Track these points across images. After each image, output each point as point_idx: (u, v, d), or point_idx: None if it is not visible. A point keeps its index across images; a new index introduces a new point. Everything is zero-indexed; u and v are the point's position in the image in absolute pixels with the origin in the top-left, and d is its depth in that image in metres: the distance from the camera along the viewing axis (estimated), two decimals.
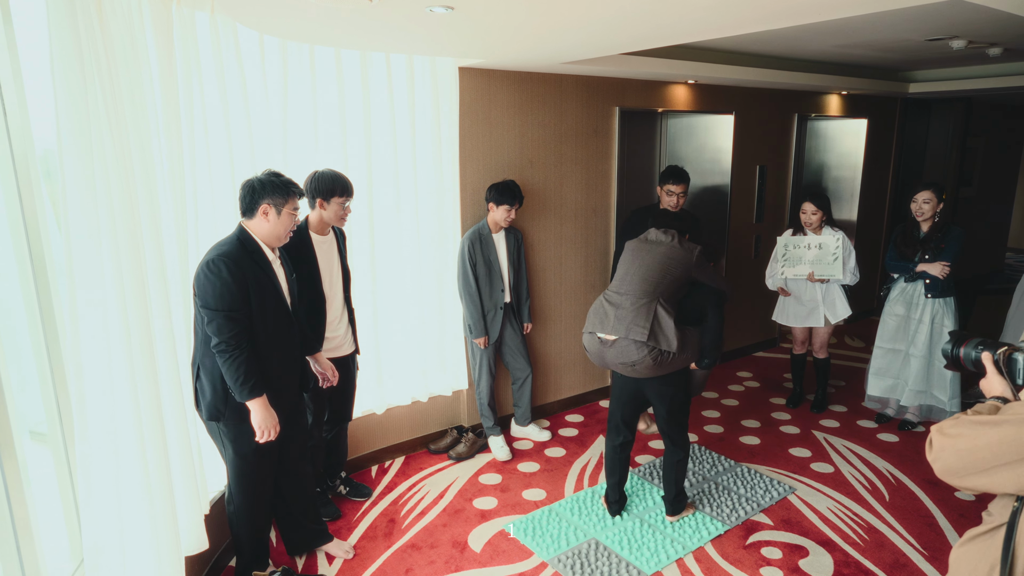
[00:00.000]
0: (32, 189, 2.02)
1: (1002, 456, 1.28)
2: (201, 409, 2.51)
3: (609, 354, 2.98)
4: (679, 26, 2.77)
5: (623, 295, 3.00)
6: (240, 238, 2.43)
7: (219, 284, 2.31)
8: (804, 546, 3.10)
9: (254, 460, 2.57)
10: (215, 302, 2.32)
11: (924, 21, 3.53)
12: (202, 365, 2.46)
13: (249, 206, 2.43)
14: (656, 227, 3.18)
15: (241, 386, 2.38)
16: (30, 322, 2.08)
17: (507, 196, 3.74)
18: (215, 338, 2.34)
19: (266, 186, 2.42)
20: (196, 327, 2.48)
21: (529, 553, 3.06)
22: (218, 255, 2.34)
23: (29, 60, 1.99)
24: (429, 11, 2.39)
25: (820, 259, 4.23)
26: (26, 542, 1.90)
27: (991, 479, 1.31)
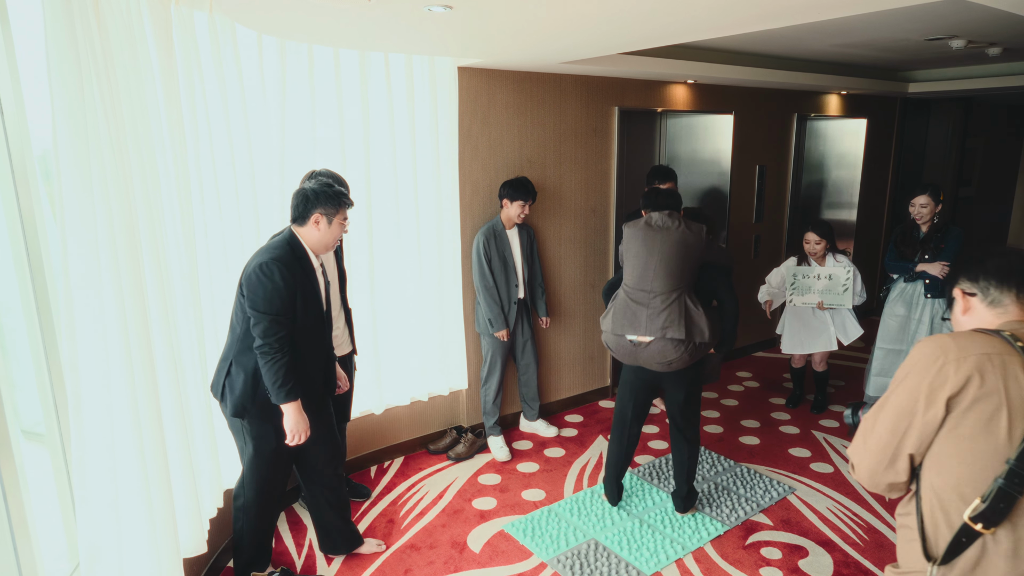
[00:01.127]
0: (30, 189, 2.01)
1: (900, 423, 1.35)
2: (226, 404, 2.51)
3: (644, 354, 2.94)
4: (678, 26, 2.77)
5: (650, 292, 2.92)
6: (290, 243, 2.47)
7: (271, 288, 2.35)
8: (804, 546, 3.10)
9: (272, 460, 2.59)
10: (264, 305, 2.35)
11: (923, 21, 3.53)
12: (236, 361, 2.48)
13: (302, 214, 2.47)
14: (653, 209, 3.12)
15: (279, 388, 2.40)
16: (27, 322, 2.08)
17: (521, 192, 3.77)
18: (260, 340, 2.37)
19: (320, 196, 2.46)
20: (234, 322, 2.50)
21: (528, 554, 3.06)
22: (272, 259, 2.37)
23: (27, 60, 1.99)
24: (428, 10, 2.38)
25: (830, 289, 4.20)
26: (23, 543, 1.89)
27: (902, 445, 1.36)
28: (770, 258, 5.89)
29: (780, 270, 4.33)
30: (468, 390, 4.19)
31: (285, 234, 2.51)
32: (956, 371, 1.29)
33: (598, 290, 4.70)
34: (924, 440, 1.34)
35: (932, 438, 1.33)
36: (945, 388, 1.29)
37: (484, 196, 4.03)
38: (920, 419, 1.32)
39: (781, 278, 4.30)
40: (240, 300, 2.44)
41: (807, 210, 6.54)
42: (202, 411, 2.60)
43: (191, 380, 2.53)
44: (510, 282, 3.91)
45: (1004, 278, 1.35)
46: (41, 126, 2.03)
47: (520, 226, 3.96)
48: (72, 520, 2.21)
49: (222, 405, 2.56)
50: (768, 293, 4.37)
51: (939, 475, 1.33)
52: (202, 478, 2.64)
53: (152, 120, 2.22)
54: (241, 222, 2.86)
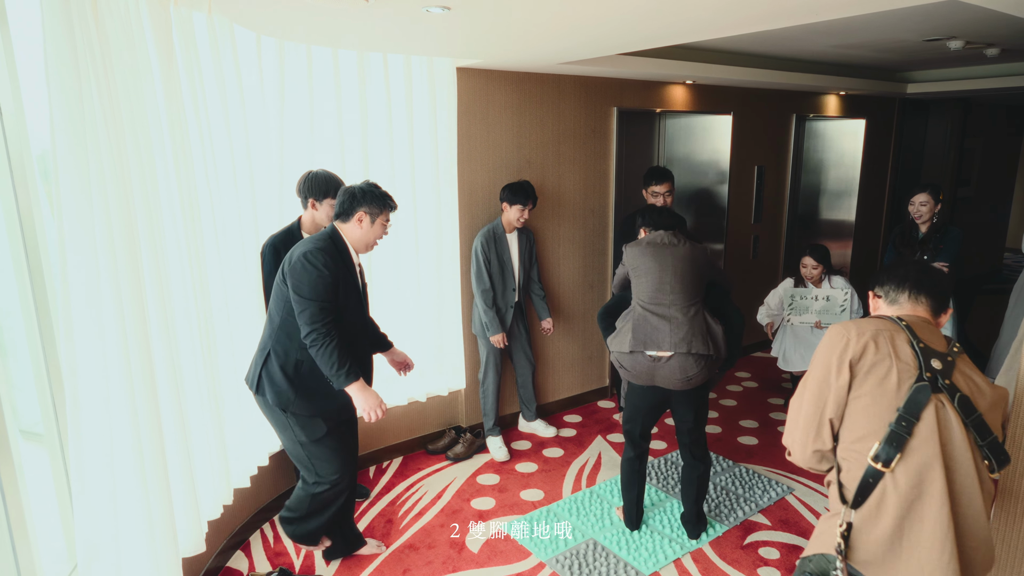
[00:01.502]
0: (28, 190, 2.01)
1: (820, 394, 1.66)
2: (266, 395, 2.52)
3: (663, 371, 2.82)
4: (676, 27, 2.77)
5: (671, 306, 2.83)
6: (333, 237, 2.53)
7: (315, 275, 2.40)
8: (802, 546, 3.10)
9: (329, 441, 2.61)
10: (310, 291, 2.39)
11: (922, 21, 3.53)
12: (273, 351, 2.51)
13: (347, 211, 2.54)
14: (656, 227, 3.07)
15: (338, 372, 2.43)
16: (26, 322, 2.08)
17: (520, 196, 3.75)
18: (307, 327, 2.40)
19: (366, 195, 2.53)
20: (272, 313, 2.54)
21: (527, 553, 3.06)
22: (316, 248, 2.44)
23: (26, 61, 1.99)
24: (426, 11, 2.38)
25: (828, 310, 4.23)
26: (22, 543, 1.90)
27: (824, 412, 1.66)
28: (769, 259, 5.90)
29: (778, 291, 4.33)
30: (466, 390, 4.20)
31: (328, 229, 2.57)
32: (856, 342, 1.63)
33: (597, 290, 4.70)
34: (839, 404, 1.63)
35: (845, 402, 1.63)
36: (847, 354, 1.62)
37: (483, 197, 4.04)
38: (835, 385, 1.63)
39: (779, 299, 4.31)
40: (281, 289, 2.49)
41: (806, 211, 6.55)
42: (201, 411, 2.59)
43: (189, 379, 2.53)
44: (507, 286, 3.91)
45: (900, 283, 1.75)
46: (40, 127, 2.04)
47: (520, 230, 3.95)
48: (70, 520, 2.21)
49: (259, 398, 2.56)
50: (768, 315, 4.37)
51: (850, 432, 1.62)
52: (201, 477, 2.63)
53: (151, 121, 2.22)
54: (240, 222, 2.86)
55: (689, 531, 3.17)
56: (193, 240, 2.51)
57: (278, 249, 3.00)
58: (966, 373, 1.60)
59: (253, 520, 3.22)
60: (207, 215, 2.65)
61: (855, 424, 1.61)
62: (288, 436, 2.61)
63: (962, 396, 1.55)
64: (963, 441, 1.51)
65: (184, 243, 2.43)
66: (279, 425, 2.61)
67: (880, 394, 1.58)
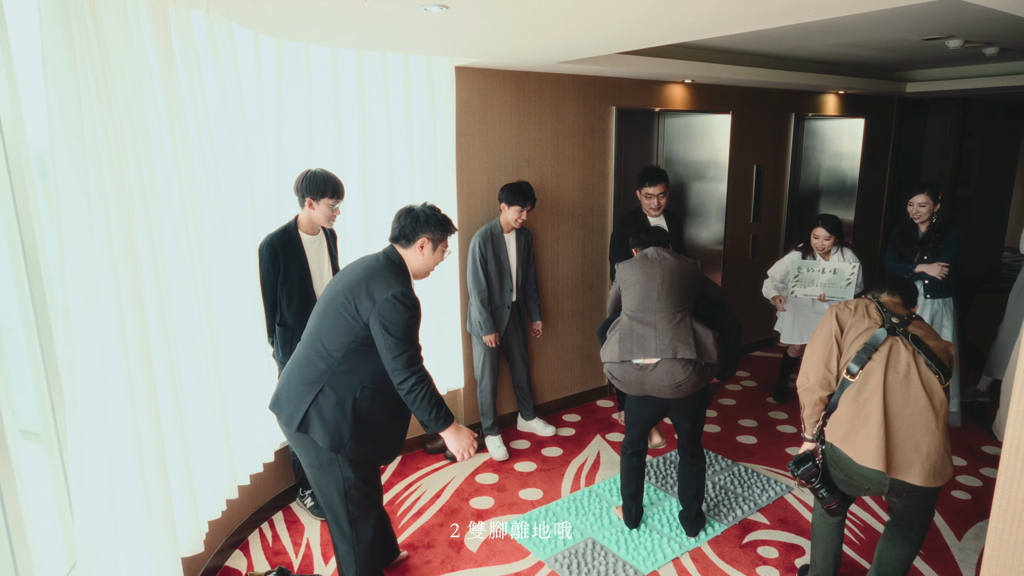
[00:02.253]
0: (26, 191, 2.01)
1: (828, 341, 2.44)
2: (313, 433, 2.30)
3: (651, 379, 2.82)
4: (674, 26, 2.77)
5: (656, 312, 2.85)
6: (401, 266, 2.36)
7: (410, 317, 2.23)
8: (801, 545, 3.10)
9: (372, 479, 2.47)
10: (407, 333, 2.22)
11: (920, 20, 3.53)
12: (330, 387, 2.29)
13: (408, 235, 2.37)
14: (645, 245, 3.11)
15: (438, 417, 2.29)
16: (24, 322, 2.08)
17: (519, 197, 3.74)
18: (405, 372, 2.22)
19: (429, 219, 2.37)
20: (327, 346, 2.30)
21: (526, 553, 3.06)
22: (403, 289, 2.24)
23: (24, 61, 1.99)
24: (424, 10, 2.38)
25: (833, 283, 4.21)
26: (20, 543, 1.89)
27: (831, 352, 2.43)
28: (768, 258, 5.90)
29: (783, 263, 4.33)
30: (465, 389, 4.20)
31: (391, 257, 2.36)
32: (843, 309, 2.48)
33: (596, 289, 4.70)
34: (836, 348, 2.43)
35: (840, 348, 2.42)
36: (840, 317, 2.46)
37: (481, 196, 4.04)
38: (833, 333, 2.44)
39: (784, 270, 4.31)
40: (347, 323, 2.27)
41: (805, 210, 6.56)
42: (199, 410, 2.59)
43: (188, 379, 2.52)
44: (504, 286, 3.90)
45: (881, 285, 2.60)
46: (38, 128, 2.03)
47: (518, 230, 3.95)
48: (69, 520, 2.21)
49: (301, 437, 2.32)
50: (774, 288, 4.38)
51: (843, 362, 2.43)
52: (200, 477, 2.63)
53: (149, 120, 2.21)
54: (242, 221, 2.86)
55: (688, 529, 3.17)
56: (191, 239, 2.50)
57: (275, 248, 3.00)
58: (919, 326, 2.40)
59: (252, 519, 3.22)
60: (205, 214, 2.65)
61: (845, 357, 2.40)
62: (330, 475, 2.37)
63: (914, 335, 2.34)
64: (910, 364, 2.29)
65: (182, 242, 2.43)
66: (323, 463, 2.36)
67: (858, 338, 2.39)
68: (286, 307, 3.07)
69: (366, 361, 2.30)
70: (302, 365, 2.35)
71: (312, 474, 2.41)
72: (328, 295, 2.37)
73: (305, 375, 2.33)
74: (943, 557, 3.00)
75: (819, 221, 4.21)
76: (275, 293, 3.05)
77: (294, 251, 3.03)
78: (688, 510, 3.16)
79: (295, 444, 2.39)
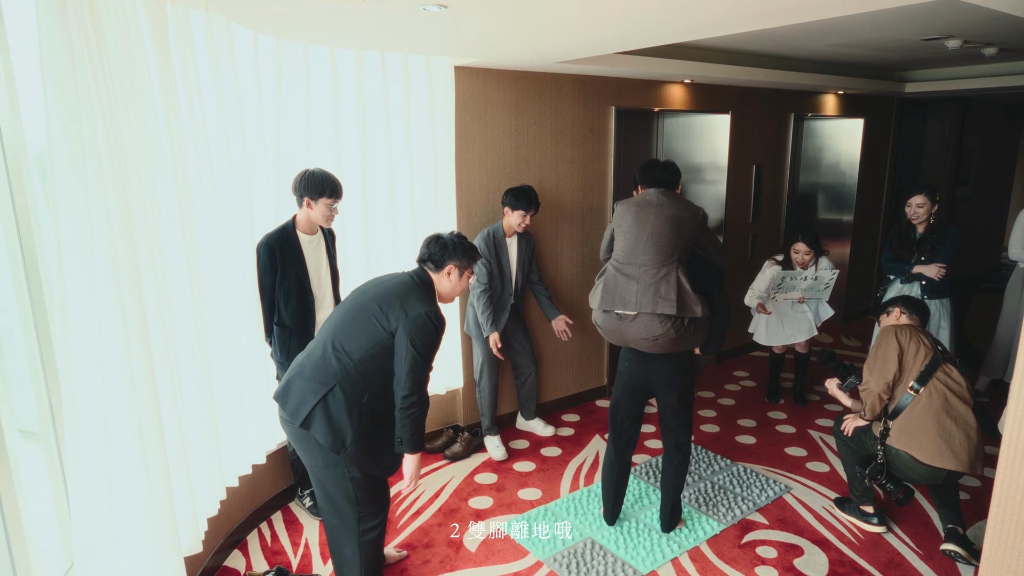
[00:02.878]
0: (25, 190, 2.01)
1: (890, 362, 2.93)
2: (315, 431, 2.31)
3: (630, 330, 2.81)
4: (672, 26, 2.77)
5: (641, 266, 2.80)
6: (432, 291, 2.45)
7: (435, 336, 2.33)
8: (799, 545, 3.10)
9: (376, 491, 2.47)
10: (429, 352, 2.32)
11: (919, 20, 3.53)
12: (340, 388, 2.31)
13: (437, 262, 2.46)
14: (649, 185, 2.99)
15: (414, 440, 2.36)
16: (23, 321, 2.08)
17: (523, 201, 3.74)
18: (413, 388, 2.29)
19: (457, 248, 2.47)
20: (347, 348, 2.33)
21: (525, 552, 3.06)
22: (437, 310, 2.36)
23: (22, 61, 1.99)
24: (423, 9, 2.38)
25: (813, 288, 4.37)
26: (18, 542, 1.89)
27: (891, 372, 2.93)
28: (767, 258, 5.89)
29: (765, 276, 4.39)
30: (464, 389, 4.19)
31: (424, 279, 2.45)
32: (901, 332, 2.97)
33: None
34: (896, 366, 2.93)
35: (901, 367, 2.93)
36: (900, 340, 2.95)
37: (481, 195, 4.04)
38: (896, 355, 2.93)
39: (768, 282, 4.35)
40: (372, 328, 2.32)
41: (804, 210, 6.56)
42: (198, 409, 2.59)
43: (187, 378, 2.52)
44: (504, 290, 3.89)
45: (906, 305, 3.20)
46: (37, 127, 2.03)
47: (520, 235, 3.93)
48: (68, 519, 2.21)
49: (303, 433, 2.33)
50: (757, 297, 4.41)
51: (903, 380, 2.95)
52: (198, 476, 2.63)
53: (148, 119, 2.21)
54: (238, 220, 2.86)
55: (663, 524, 3.16)
56: (190, 240, 2.50)
57: (273, 248, 3.00)
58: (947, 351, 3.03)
59: (250, 519, 3.22)
60: (203, 214, 2.65)
61: (907, 376, 2.91)
62: (337, 476, 2.37)
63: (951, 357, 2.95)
64: (958, 380, 2.88)
65: (181, 243, 2.43)
66: (328, 464, 2.36)
67: (916, 364, 2.90)
68: (283, 307, 3.06)
69: (379, 369, 2.35)
70: (317, 362, 2.38)
71: (316, 475, 2.41)
72: (356, 301, 2.43)
73: (318, 373, 2.35)
74: (942, 556, 3.00)
75: (799, 236, 4.30)
76: (273, 293, 3.05)
77: (292, 251, 3.03)
78: (665, 503, 3.14)
79: (298, 442, 2.39)
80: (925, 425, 2.83)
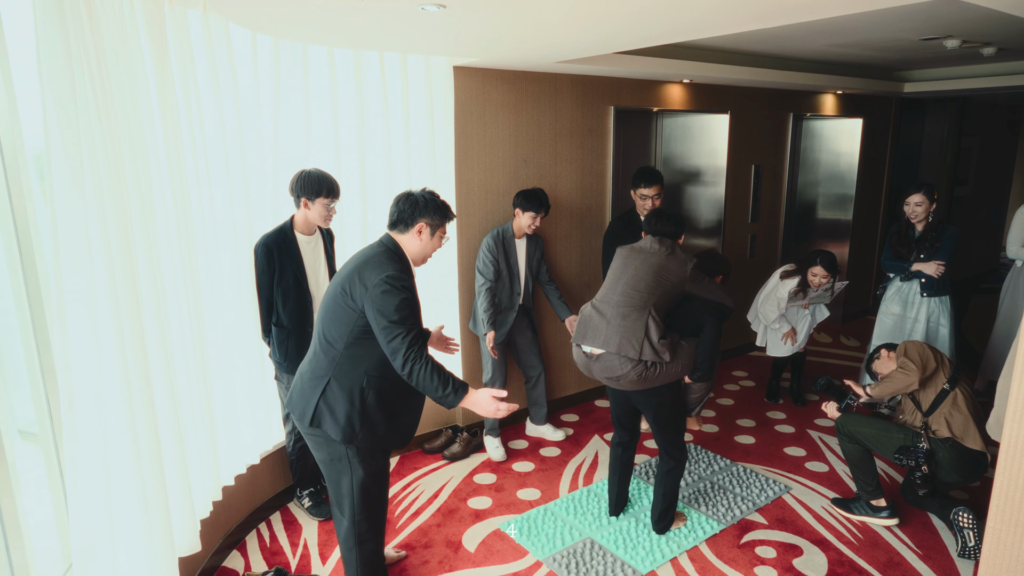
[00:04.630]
0: (23, 190, 2.01)
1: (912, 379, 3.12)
2: (325, 427, 2.31)
3: (595, 367, 2.90)
4: (671, 26, 2.77)
5: (613, 306, 2.88)
6: (397, 252, 2.34)
7: (403, 297, 2.21)
8: (798, 545, 3.10)
9: (382, 480, 2.47)
10: (399, 315, 2.19)
11: (918, 20, 3.54)
12: (334, 380, 2.30)
13: (406, 220, 2.35)
14: (652, 233, 3.05)
15: (446, 392, 2.23)
16: (20, 322, 2.07)
17: (533, 203, 3.74)
18: (404, 351, 2.19)
19: (428, 204, 2.35)
20: (329, 338, 2.31)
21: (524, 552, 3.06)
22: (395, 271, 2.24)
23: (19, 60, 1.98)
24: (421, 9, 2.38)
25: (820, 296, 4.34)
26: (16, 543, 1.89)
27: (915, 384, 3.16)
28: (766, 258, 5.91)
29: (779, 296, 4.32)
30: None
31: (386, 244, 2.35)
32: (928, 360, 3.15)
33: (594, 289, 4.70)
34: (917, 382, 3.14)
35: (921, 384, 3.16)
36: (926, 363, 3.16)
37: (480, 195, 4.03)
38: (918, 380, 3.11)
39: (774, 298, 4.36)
40: (343, 313, 2.28)
41: (803, 210, 6.56)
42: (194, 408, 2.59)
43: (183, 378, 2.52)
44: (513, 290, 3.90)
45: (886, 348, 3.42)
46: (35, 126, 2.03)
47: (530, 236, 3.93)
48: (66, 520, 2.20)
49: (313, 431, 2.34)
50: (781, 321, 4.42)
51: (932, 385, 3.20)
52: (194, 476, 2.63)
53: (145, 119, 2.21)
54: (235, 220, 2.85)
55: (653, 525, 3.19)
56: (187, 240, 2.50)
57: (270, 248, 2.99)
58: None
59: (249, 519, 3.21)
60: (201, 215, 2.65)
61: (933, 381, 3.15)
62: (340, 470, 2.39)
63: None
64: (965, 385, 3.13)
65: (178, 243, 2.42)
66: (333, 458, 2.38)
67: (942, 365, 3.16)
68: (281, 307, 3.06)
69: (368, 350, 2.30)
70: (311, 359, 2.40)
71: (325, 470, 2.44)
72: (331, 287, 2.39)
73: (314, 369, 2.36)
74: (941, 557, 3.00)
75: (818, 260, 4.22)
76: (271, 293, 3.05)
77: (289, 251, 3.03)
78: (656, 505, 3.16)
79: (309, 440, 2.42)
80: (967, 417, 3.05)
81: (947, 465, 3.07)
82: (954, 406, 3.09)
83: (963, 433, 3.05)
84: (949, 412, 3.09)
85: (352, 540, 2.48)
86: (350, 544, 2.49)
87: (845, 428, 3.28)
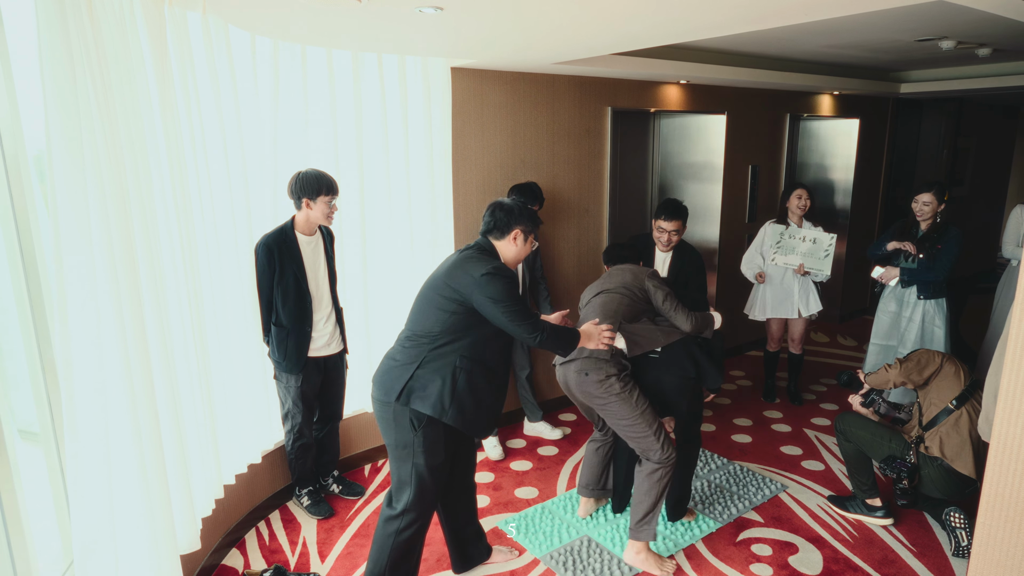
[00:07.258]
0: (24, 190, 2.02)
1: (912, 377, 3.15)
2: (413, 403, 2.40)
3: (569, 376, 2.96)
4: (667, 27, 2.79)
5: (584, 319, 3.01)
6: (494, 253, 2.51)
7: (510, 284, 2.39)
8: (794, 543, 3.12)
9: (439, 474, 2.51)
10: (512, 299, 2.37)
11: (913, 22, 3.56)
12: (428, 363, 2.42)
13: (503, 227, 2.50)
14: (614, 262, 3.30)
15: (568, 346, 2.50)
16: (22, 321, 2.09)
17: (528, 197, 3.76)
18: (529, 329, 2.38)
19: (523, 212, 2.52)
20: (427, 327, 2.43)
21: (522, 550, 3.07)
22: (500, 263, 2.43)
23: (21, 62, 2.00)
24: (419, 11, 2.40)
25: (812, 253, 4.34)
26: (17, 542, 1.91)
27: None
28: None
29: (762, 234, 4.49)
30: None
31: (483, 246, 2.51)
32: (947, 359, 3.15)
33: None
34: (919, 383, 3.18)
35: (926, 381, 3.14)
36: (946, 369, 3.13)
37: (478, 196, 4.05)
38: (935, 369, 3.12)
39: (761, 239, 4.47)
40: (440, 301, 2.41)
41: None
42: (195, 407, 2.60)
43: (184, 377, 2.53)
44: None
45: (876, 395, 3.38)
46: (36, 127, 2.04)
47: None
48: (67, 518, 2.22)
49: (400, 407, 2.41)
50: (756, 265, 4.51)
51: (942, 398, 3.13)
52: (196, 474, 2.64)
53: (146, 121, 2.23)
54: (235, 221, 2.87)
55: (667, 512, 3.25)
56: (187, 240, 2.51)
57: (271, 248, 3.01)
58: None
59: (248, 518, 3.23)
60: (201, 215, 2.66)
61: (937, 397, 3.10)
62: (404, 457, 2.47)
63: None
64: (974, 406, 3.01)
65: (178, 243, 2.44)
66: (399, 444, 2.46)
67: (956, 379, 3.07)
68: (281, 307, 3.08)
69: (461, 338, 2.42)
70: (400, 349, 2.49)
71: (391, 454, 2.52)
72: (421, 291, 2.51)
73: (406, 353, 2.46)
74: (936, 555, 3.02)
75: (801, 183, 4.46)
76: (271, 293, 3.06)
77: (290, 251, 3.04)
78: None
79: (381, 422, 2.50)
80: (965, 440, 2.98)
81: (931, 483, 3.05)
82: (955, 427, 3.01)
83: (955, 456, 2.98)
84: (947, 432, 3.01)
85: (394, 525, 2.53)
86: (390, 529, 2.53)
87: (843, 427, 3.30)
